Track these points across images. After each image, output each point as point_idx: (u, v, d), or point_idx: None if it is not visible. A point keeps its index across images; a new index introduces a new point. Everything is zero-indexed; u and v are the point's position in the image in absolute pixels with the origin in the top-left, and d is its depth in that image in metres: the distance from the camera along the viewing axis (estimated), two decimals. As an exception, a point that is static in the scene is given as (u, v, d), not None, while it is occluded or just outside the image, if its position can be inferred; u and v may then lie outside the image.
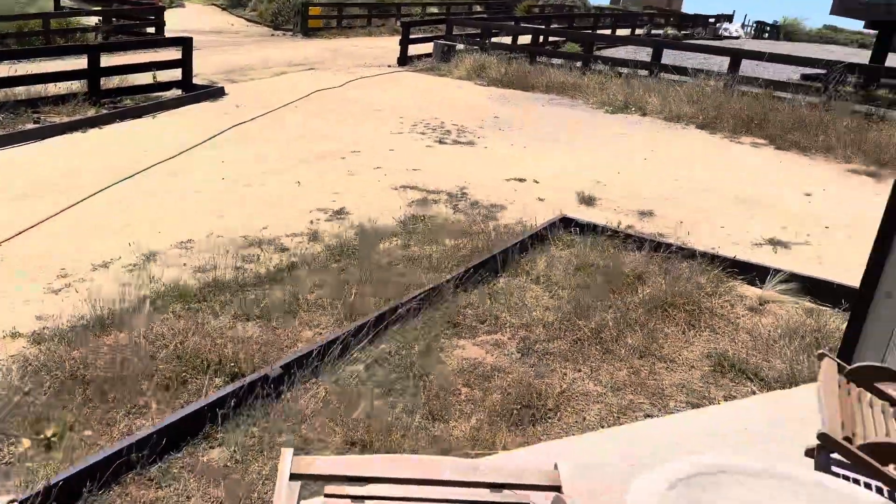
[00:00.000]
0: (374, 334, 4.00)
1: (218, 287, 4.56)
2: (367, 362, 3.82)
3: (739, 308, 4.84)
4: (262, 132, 8.77)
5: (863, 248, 5.52)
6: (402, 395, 3.60)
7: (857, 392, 2.38)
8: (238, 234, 5.50)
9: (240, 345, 3.85)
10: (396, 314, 4.17)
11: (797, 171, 8.56)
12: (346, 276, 4.81)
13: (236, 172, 7.04)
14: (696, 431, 2.87)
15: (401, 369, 3.81)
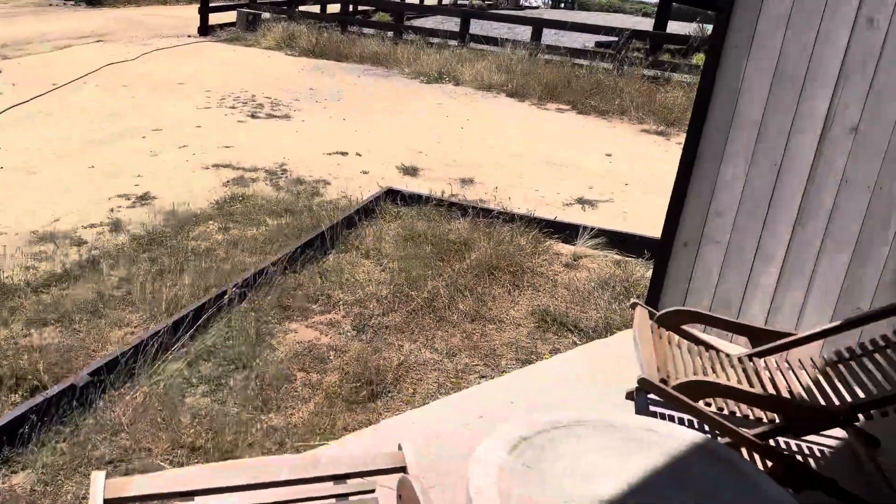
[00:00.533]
0: (196, 327, 3.73)
1: (4, 292, 4.01)
2: (190, 358, 3.56)
3: (557, 265, 5.13)
4: (47, 113, 7.81)
5: (659, 202, 6.02)
6: (232, 389, 3.40)
7: (667, 335, 2.59)
8: (25, 230, 4.86)
9: (38, 354, 3.41)
10: (219, 303, 3.92)
11: (598, 133, 9.20)
12: (159, 266, 4.44)
13: (17, 159, 6.21)
14: (528, 388, 3.00)
15: (229, 362, 3.59)
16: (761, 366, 2.52)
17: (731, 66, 3.28)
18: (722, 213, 3.41)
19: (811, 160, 3.16)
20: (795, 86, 3.15)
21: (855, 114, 3.04)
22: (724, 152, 3.36)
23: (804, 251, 3.23)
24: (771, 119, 3.23)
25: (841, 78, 3.05)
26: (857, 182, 3.07)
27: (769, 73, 3.20)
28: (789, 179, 3.22)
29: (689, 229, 3.51)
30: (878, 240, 3.05)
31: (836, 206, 3.13)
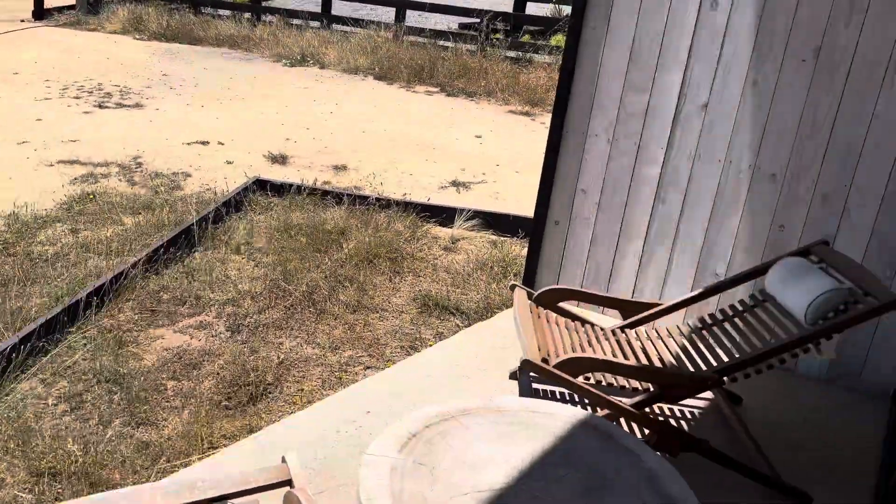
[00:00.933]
0: (49, 341, 3.41)
1: None
2: (45, 376, 3.25)
3: (436, 249, 5.14)
4: None
5: (530, 181, 6.15)
6: (95, 405, 3.14)
7: (546, 314, 2.65)
8: None
9: None
10: (74, 313, 3.60)
11: (467, 115, 9.30)
12: (0, 276, 4.01)
13: None
14: (415, 378, 2.97)
15: (90, 376, 3.31)
16: (633, 337, 2.64)
17: (591, 48, 3.38)
18: (588, 191, 3.53)
19: (667, 137, 3.33)
20: (650, 66, 3.29)
21: (704, 92, 3.22)
22: (588, 132, 3.47)
23: (665, 224, 3.41)
24: (629, 98, 3.36)
25: (691, 57, 3.22)
26: (708, 156, 3.27)
27: (625, 53, 3.33)
28: (648, 157, 3.38)
29: (559, 208, 3.61)
30: (730, 210, 3.27)
31: (691, 180, 3.32)
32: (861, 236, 3.02)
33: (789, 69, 3.04)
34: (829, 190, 3.06)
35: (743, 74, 3.13)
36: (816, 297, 2.27)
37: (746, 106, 3.14)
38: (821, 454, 2.63)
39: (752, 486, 2.32)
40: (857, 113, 2.95)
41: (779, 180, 3.15)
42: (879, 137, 2.93)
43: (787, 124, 3.09)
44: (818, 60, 2.98)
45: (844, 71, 2.94)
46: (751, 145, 3.17)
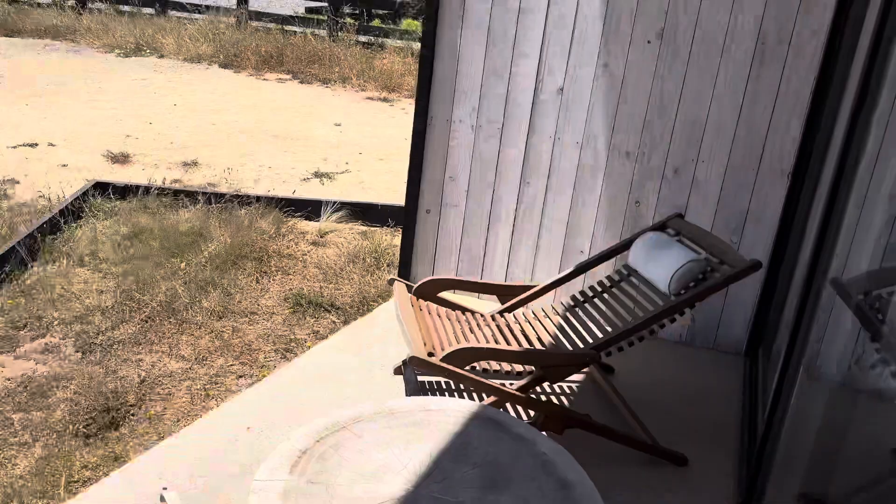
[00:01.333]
0: None
1: None
2: None
3: (303, 244, 4.98)
4: None
5: (394, 168, 6.11)
6: (-75, 455, 2.75)
7: (427, 306, 2.63)
8: None
9: None
10: None
11: (323, 103, 9.07)
12: None
13: None
14: (296, 386, 2.85)
15: (-85, 422, 2.90)
16: (511, 320, 2.68)
17: (449, 33, 3.36)
18: (456, 178, 3.54)
19: (528, 121, 3.39)
20: (507, 50, 3.33)
21: (559, 75, 3.31)
22: (452, 119, 3.47)
23: (531, 207, 3.49)
24: (490, 84, 3.39)
25: (545, 41, 3.29)
26: (568, 138, 3.37)
27: (483, 39, 3.34)
28: (511, 141, 3.44)
29: (429, 196, 3.59)
30: (590, 189, 3.40)
31: (553, 162, 3.41)
32: (709, 206, 3.24)
33: (636, 51, 3.19)
34: (678, 165, 3.25)
35: (594, 58, 3.24)
36: (677, 269, 2.40)
37: (599, 88, 3.27)
38: (689, 415, 2.81)
39: (633, 453, 2.43)
40: (699, 91, 3.15)
41: (633, 158, 3.31)
42: (719, 114, 3.14)
43: (637, 104, 3.24)
44: (662, 42, 3.15)
45: (686, 52, 3.13)
46: (606, 126, 3.30)
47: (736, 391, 3.04)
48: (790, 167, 3.09)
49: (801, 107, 3.02)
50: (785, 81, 3.03)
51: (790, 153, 3.08)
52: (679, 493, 2.29)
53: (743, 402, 2.93)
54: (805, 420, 2.04)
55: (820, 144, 2.92)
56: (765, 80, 3.05)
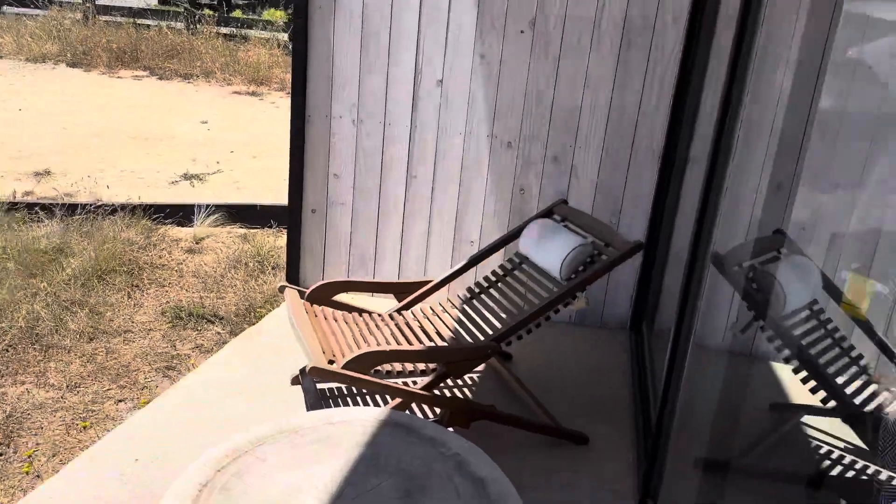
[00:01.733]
0: None
1: None
2: None
3: (178, 253, 4.70)
4: None
5: (270, 166, 5.89)
6: None
7: (322, 311, 2.54)
8: None
9: None
10: None
11: (187, 100, 8.60)
12: None
13: None
14: (185, 406, 2.68)
15: None
16: (410, 318, 2.64)
17: (321, 27, 3.26)
18: (341, 175, 3.45)
19: (410, 115, 3.36)
20: (383, 42, 3.27)
21: (438, 67, 3.29)
22: (331, 114, 3.37)
23: (419, 201, 3.46)
24: (368, 77, 3.32)
25: (421, 32, 3.26)
26: (451, 130, 3.36)
27: (357, 31, 3.26)
28: (395, 135, 3.39)
29: (313, 195, 3.48)
30: (475, 179, 3.42)
31: (437, 155, 3.40)
32: (587, 190, 3.35)
33: (511, 41, 3.23)
34: (557, 152, 3.33)
35: (470, 48, 3.25)
36: (567, 255, 2.46)
37: (478, 79, 3.28)
38: (585, 393, 2.90)
39: (539, 437, 2.48)
40: (572, 79, 3.23)
41: (514, 147, 3.35)
42: (592, 101, 3.25)
43: (515, 94, 3.28)
44: (535, 31, 3.20)
45: (558, 41, 3.20)
46: (486, 117, 3.32)
47: (625, 364, 3.18)
48: (660, 148, 3.24)
49: (667, 90, 3.18)
50: (651, 66, 3.17)
51: (660, 135, 3.23)
52: (585, 471, 2.36)
53: (633, 375, 3.07)
54: (696, 389, 2.15)
55: (686, 125, 3.09)
56: (632, 65, 3.18)
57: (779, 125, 2.84)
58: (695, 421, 2.30)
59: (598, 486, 2.30)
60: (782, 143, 2.94)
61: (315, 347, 2.16)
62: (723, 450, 2.40)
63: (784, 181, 2.97)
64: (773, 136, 2.87)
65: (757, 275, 2.35)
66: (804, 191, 3.06)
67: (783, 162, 2.97)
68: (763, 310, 2.29)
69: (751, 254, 2.45)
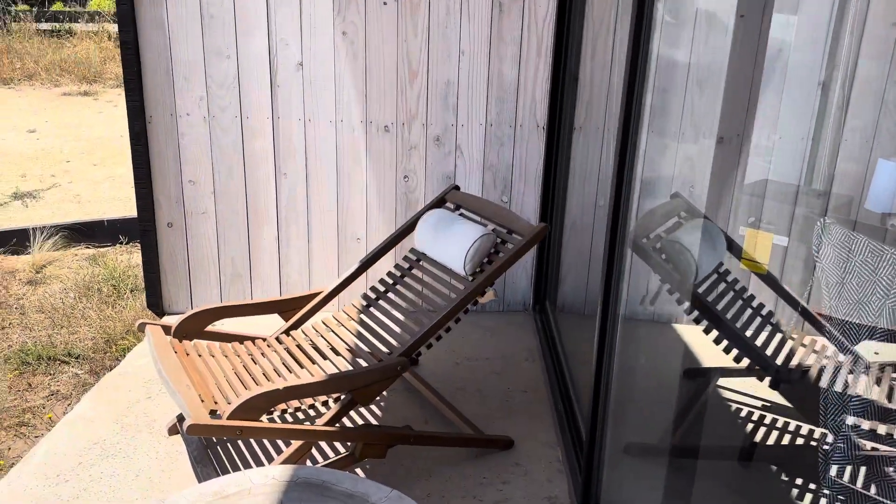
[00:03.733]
0: None
1: None
2: None
3: (17, 286, 4.06)
4: None
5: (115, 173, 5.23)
6: None
7: (194, 347, 2.16)
8: None
9: None
10: None
11: (9, 108, 7.58)
12: None
13: None
14: (45, 480, 2.22)
15: None
16: (302, 338, 2.32)
17: (152, 11, 2.80)
18: (198, 181, 3.02)
19: (270, 105, 2.98)
20: (228, 24, 2.86)
21: (295, 49, 2.93)
22: (176, 112, 2.93)
23: (293, 199, 3.11)
24: (215, 66, 2.90)
25: (270, 10, 2.88)
26: (319, 117, 3.02)
27: (195, 14, 2.83)
28: (255, 129, 3.00)
29: (168, 207, 3.04)
30: (354, 170, 3.10)
31: (308, 147, 3.05)
32: (475, 171, 3.13)
33: (373, 15, 2.92)
34: (439, 132, 3.08)
35: (330, 25, 2.91)
36: (469, 247, 2.23)
37: (342, 59, 2.95)
38: (499, 387, 2.71)
39: (464, 449, 2.26)
40: (445, 51, 2.98)
41: (392, 131, 3.07)
42: (468, 74, 3.01)
43: (386, 72, 2.99)
44: (399, 3, 2.91)
45: (425, 11, 2.93)
46: (357, 100, 3.01)
47: (534, 348, 3.02)
48: (545, 119, 3.07)
49: (545, 57, 3.00)
50: (525, 33, 2.98)
51: (542, 105, 3.06)
52: (516, 482, 2.17)
53: (544, 359, 2.91)
54: (623, 370, 2.00)
55: (568, 93, 2.93)
56: (507, 30, 2.97)
57: (660, 82, 2.74)
58: (622, 405, 2.16)
59: (534, 495, 2.11)
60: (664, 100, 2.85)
61: (190, 396, 1.80)
62: (651, 432, 2.29)
63: (669, 139, 2.89)
64: (657, 94, 2.77)
65: (665, 245, 2.23)
66: (688, 146, 3.01)
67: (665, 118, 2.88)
68: (677, 281, 2.17)
69: (654, 223, 2.33)
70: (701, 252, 2.28)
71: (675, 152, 2.81)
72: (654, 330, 2.53)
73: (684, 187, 2.79)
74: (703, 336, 2.33)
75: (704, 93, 2.92)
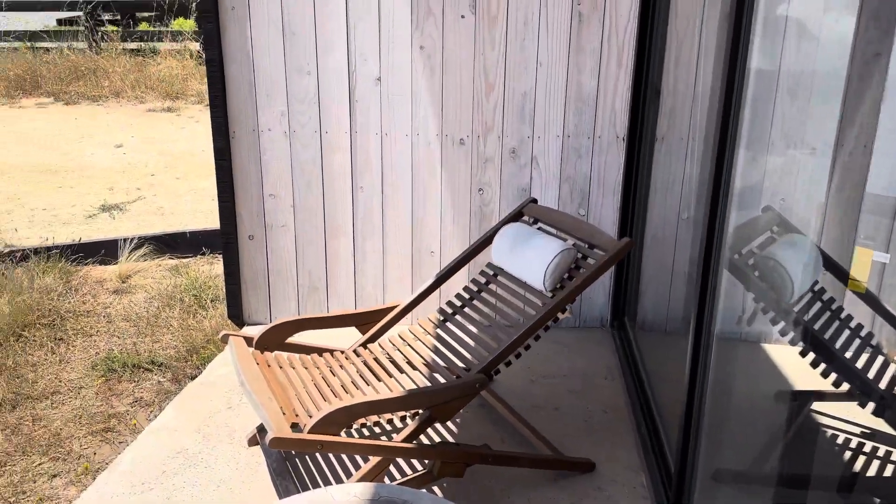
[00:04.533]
0: None
1: None
2: None
3: (104, 296, 4.23)
4: None
5: (196, 186, 5.42)
6: None
7: (275, 359, 2.19)
8: None
9: None
10: None
11: (98, 123, 7.98)
12: None
13: None
14: (131, 488, 2.29)
15: None
16: (379, 352, 2.32)
17: (235, 32, 2.88)
18: (278, 194, 3.08)
19: (348, 120, 3.01)
20: (309, 42, 2.91)
21: (374, 64, 2.95)
22: (259, 128, 2.99)
23: (369, 213, 3.12)
24: (296, 83, 2.96)
25: (350, 27, 2.91)
26: (395, 132, 3.03)
27: (278, 32, 2.89)
28: (334, 144, 3.04)
29: (249, 220, 3.10)
30: (429, 184, 3.10)
31: (384, 161, 3.07)
32: (551, 183, 3.08)
33: (451, 28, 2.91)
34: (514, 144, 3.05)
35: (408, 40, 2.93)
36: (549, 263, 2.18)
37: (419, 73, 2.96)
38: (579, 407, 2.64)
39: (542, 470, 2.20)
40: (522, 63, 2.95)
41: (467, 144, 3.05)
42: (545, 85, 2.97)
43: (462, 85, 2.98)
44: (476, 16, 2.90)
45: (503, 23, 2.90)
46: (433, 113, 3.01)
47: (613, 366, 2.93)
48: (625, 130, 3.00)
49: (626, 66, 2.93)
50: (606, 42, 2.91)
51: (622, 115, 2.98)
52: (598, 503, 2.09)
53: (624, 377, 2.82)
54: (714, 392, 1.91)
55: (650, 102, 2.85)
56: (586, 41, 2.91)
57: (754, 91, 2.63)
58: (716, 429, 2.06)
59: (615, 519, 2.03)
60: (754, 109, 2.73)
61: (273, 409, 1.82)
62: (742, 458, 2.17)
63: (759, 150, 2.77)
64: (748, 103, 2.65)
65: (758, 262, 2.12)
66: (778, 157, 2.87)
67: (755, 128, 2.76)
68: (773, 300, 2.06)
69: (747, 238, 2.22)
70: (796, 269, 2.16)
71: (764, 163, 2.68)
72: (745, 350, 2.41)
73: (775, 200, 2.66)
74: (797, 357, 2.20)
75: (795, 102, 2.79)
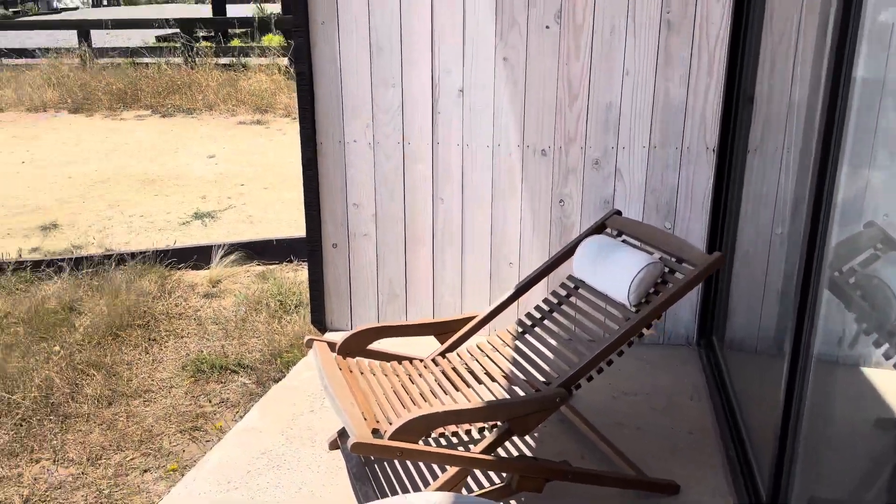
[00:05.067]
0: None
1: None
2: None
3: (195, 299, 4.42)
4: None
5: (283, 197, 5.59)
6: None
7: (357, 365, 2.22)
8: None
9: None
10: None
11: (191, 135, 8.39)
12: None
13: None
14: (218, 485, 2.37)
15: None
16: (457, 361, 2.32)
17: (325, 46, 2.96)
18: (361, 204, 3.14)
19: (430, 131, 3.04)
20: (395, 55, 2.97)
21: (457, 76, 2.98)
22: (344, 139, 3.07)
23: (448, 223, 3.14)
24: (381, 95, 3.01)
25: (435, 40, 2.95)
26: (477, 143, 3.04)
27: (365, 46, 2.96)
28: (415, 155, 3.08)
29: (333, 229, 3.18)
30: (508, 194, 3.09)
31: (464, 172, 3.08)
32: (636, 195, 3.01)
33: (535, 39, 2.90)
34: (598, 155, 3.00)
35: (491, 51, 2.93)
36: (634, 276, 2.13)
37: (502, 84, 2.96)
38: (662, 426, 2.55)
39: (623, 490, 2.14)
40: (607, 72, 2.90)
41: (549, 155, 3.02)
42: (631, 95, 2.91)
43: (545, 96, 2.96)
44: (561, 25, 2.88)
45: (588, 32, 2.87)
46: (515, 124, 3.00)
47: (700, 385, 2.82)
48: (715, 140, 2.90)
49: (717, 75, 2.83)
50: (696, 50, 2.83)
51: (713, 125, 2.89)
52: (679, 527, 2.02)
53: (711, 398, 2.71)
54: (811, 417, 1.81)
55: (744, 113, 2.74)
56: (675, 49, 2.84)
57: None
58: (811, 456, 1.95)
59: (701, 545, 1.95)
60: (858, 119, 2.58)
61: (355, 414, 1.84)
62: (838, 488, 2.04)
63: (863, 163, 2.62)
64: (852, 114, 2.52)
65: (861, 280, 2.00)
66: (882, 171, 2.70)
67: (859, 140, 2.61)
68: (876, 321, 1.93)
69: (848, 256, 2.10)
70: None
71: (867, 177, 2.53)
72: (844, 373, 2.28)
73: (878, 215, 2.50)
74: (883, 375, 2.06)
75: None
